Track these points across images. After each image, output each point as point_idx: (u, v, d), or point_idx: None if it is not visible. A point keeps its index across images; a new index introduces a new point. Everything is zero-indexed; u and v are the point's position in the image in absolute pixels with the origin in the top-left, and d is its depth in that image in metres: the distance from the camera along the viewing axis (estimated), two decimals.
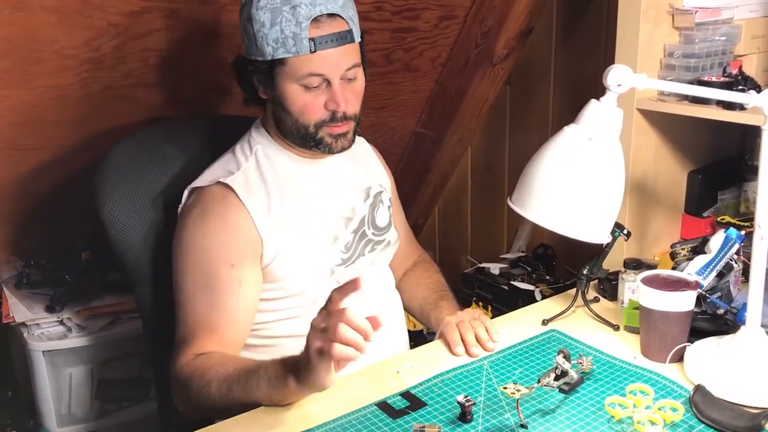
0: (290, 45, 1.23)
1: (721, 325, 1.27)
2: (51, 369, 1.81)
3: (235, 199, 1.27)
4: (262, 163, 1.34)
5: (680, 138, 1.55)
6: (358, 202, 1.41)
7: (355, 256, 1.38)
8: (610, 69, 1.09)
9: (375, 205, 1.43)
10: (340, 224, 1.37)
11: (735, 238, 1.34)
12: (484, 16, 2.03)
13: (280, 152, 1.35)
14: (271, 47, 1.24)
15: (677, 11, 1.46)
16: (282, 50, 1.23)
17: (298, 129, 1.30)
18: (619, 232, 1.36)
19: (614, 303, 1.45)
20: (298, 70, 1.25)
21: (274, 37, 1.23)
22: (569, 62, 2.09)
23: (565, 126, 1.13)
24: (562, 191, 1.10)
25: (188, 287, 1.28)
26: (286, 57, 1.24)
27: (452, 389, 1.17)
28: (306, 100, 1.27)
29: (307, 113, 1.28)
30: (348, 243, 1.37)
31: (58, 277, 1.90)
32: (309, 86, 1.26)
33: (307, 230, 1.32)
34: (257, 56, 1.26)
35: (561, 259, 2.19)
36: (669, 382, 1.17)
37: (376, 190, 1.45)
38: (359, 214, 1.40)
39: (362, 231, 1.40)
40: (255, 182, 1.31)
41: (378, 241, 1.43)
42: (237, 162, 1.33)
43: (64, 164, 1.80)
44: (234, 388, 1.14)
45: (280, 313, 1.34)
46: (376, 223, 1.43)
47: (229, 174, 1.30)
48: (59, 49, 1.53)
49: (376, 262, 1.44)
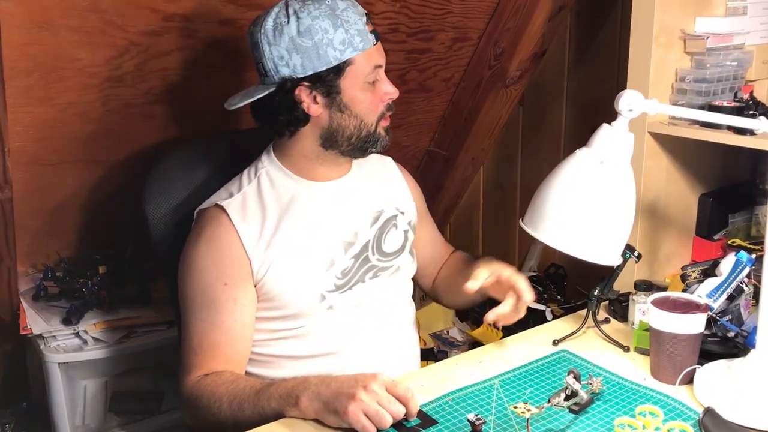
0: (357, 42, 1.28)
1: (731, 348, 1.27)
2: (66, 381, 1.83)
3: (227, 221, 1.31)
4: (264, 186, 1.36)
5: (691, 161, 1.56)
6: (363, 226, 1.40)
7: (353, 282, 1.37)
8: (622, 94, 1.10)
9: (384, 230, 1.42)
10: (339, 249, 1.36)
11: (746, 261, 1.35)
12: (498, 38, 2.05)
13: (285, 176, 1.37)
14: (338, 50, 1.27)
15: (689, 36, 1.48)
16: (350, 50, 1.27)
17: (361, 131, 1.33)
18: (630, 254, 1.37)
19: (625, 324, 1.46)
20: (366, 65, 1.30)
21: (341, 39, 1.26)
22: (581, 85, 2.11)
23: (577, 149, 1.15)
24: (574, 213, 1.11)
25: (188, 306, 1.32)
26: (353, 56, 1.28)
27: (463, 407, 1.18)
28: (370, 97, 1.32)
29: (372, 110, 1.33)
30: (345, 269, 1.36)
31: (75, 290, 1.93)
32: (373, 81, 1.32)
33: (301, 254, 1.33)
34: (319, 67, 1.27)
35: (572, 280, 2.19)
36: (679, 404, 1.17)
37: (389, 214, 1.44)
38: (362, 238, 1.39)
39: (365, 256, 1.39)
40: (252, 205, 1.34)
41: (383, 267, 1.41)
42: (240, 184, 1.37)
43: (83, 179, 1.83)
44: (245, 406, 1.19)
45: (277, 333, 1.35)
46: (383, 249, 1.42)
47: (229, 196, 1.34)
48: (82, 67, 1.56)
49: (381, 288, 1.41)
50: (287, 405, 1.15)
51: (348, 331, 1.36)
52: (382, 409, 1.07)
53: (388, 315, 1.43)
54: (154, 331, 1.91)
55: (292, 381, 1.17)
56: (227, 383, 1.24)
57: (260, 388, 1.20)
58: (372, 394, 1.08)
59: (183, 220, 1.43)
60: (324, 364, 1.34)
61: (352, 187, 1.42)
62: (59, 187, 1.82)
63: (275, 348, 1.36)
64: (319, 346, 1.35)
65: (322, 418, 1.12)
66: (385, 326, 1.41)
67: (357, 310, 1.37)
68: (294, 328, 1.34)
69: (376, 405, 1.07)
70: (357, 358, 1.36)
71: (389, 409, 1.08)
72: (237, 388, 1.22)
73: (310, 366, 1.33)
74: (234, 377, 1.26)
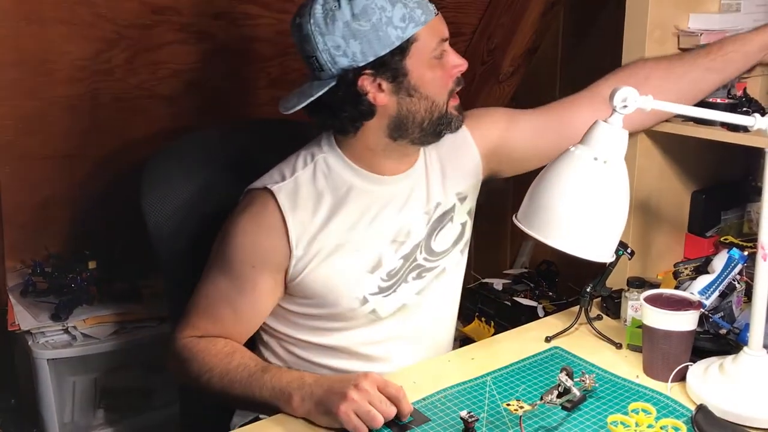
0: (418, 15, 1.17)
1: (723, 345, 1.27)
2: (55, 377, 1.82)
3: (275, 206, 1.24)
4: (319, 174, 1.27)
5: (684, 158, 1.56)
6: (418, 225, 1.32)
7: (398, 284, 1.31)
8: (617, 90, 1.10)
9: (438, 225, 1.34)
10: (390, 249, 1.29)
11: (738, 258, 1.34)
12: (491, 33, 2.05)
13: (345, 166, 1.28)
14: (399, 29, 1.16)
15: (683, 33, 1.47)
16: (412, 25, 1.17)
17: (432, 113, 1.23)
18: (623, 251, 1.37)
19: (617, 321, 1.45)
20: (432, 40, 1.20)
21: (400, 15, 1.16)
22: (575, 81, 2.09)
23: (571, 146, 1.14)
24: (568, 210, 1.11)
25: (212, 268, 1.29)
26: (416, 31, 1.18)
27: (456, 405, 1.17)
28: (439, 74, 1.22)
29: (443, 87, 1.23)
30: (393, 270, 1.30)
31: (64, 286, 1.91)
32: (440, 56, 1.21)
33: (347, 252, 1.26)
34: (381, 51, 1.17)
35: (564, 276, 2.19)
36: (671, 401, 1.17)
37: (446, 206, 1.35)
38: (414, 238, 1.31)
39: (414, 257, 1.32)
40: (305, 193, 1.25)
41: (429, 268, 1.34)
42: (293, 168, 1.28)
43: (72, 173, 1.82)
44: (236, 386, 1.18)
45: (313, 334, 1.32)
46: (432, 248, 1.34)
47: (281, 179, 1.26)
48: (71, 60, 1.55)
49: (426, 292, 1.35)
50: (279, 400, 1.14)
51: (391, 333, 1.33)
52: (373, 409, 1.07)
53: (432, 319, 1.38)
54: (143, 327, 1.90)
55: (288, 375, 1.16)
56: (221, 354, 1.22)
57: (254, 371, 1.18)
58: (364, 393, 1.07)
59: (181, 214, 1.42)
60: (366, 365, 1.31)
61: (415, 181, 1.33)
62: (48, 181, 1.81)
63: (318, 337, 1.33)
64: (362, 347, 1.33)
65: (314, 418, 1.12)
66: (429, 332, 1.38)
67: (402, 313, 1.33)
68: (332, 329, 1.32)
69: (368, 405, 1.07)
70: (399, 363, 1.34)
71: (381, 408, 1.07)
72: (231, 363, 1.20)
73: (353, 363, 1.32)
74: (229, 349, 1.24)
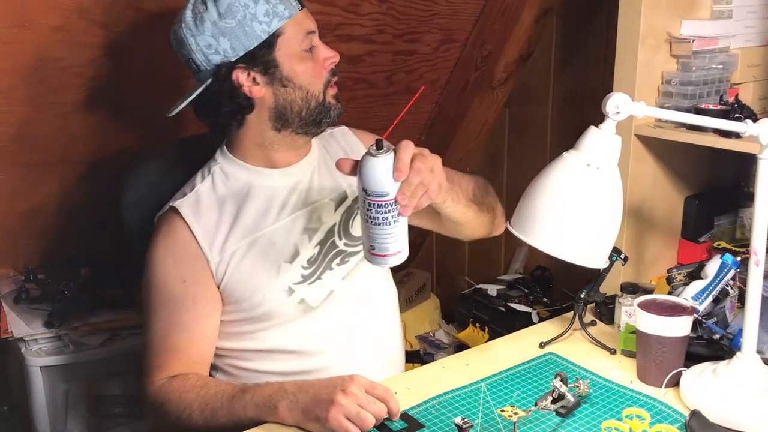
0: (281, 10, 1.23)
1: (716, 351, 1.27)
2: (48, 384, 1.80)
3: (181, 221, 1.28)
4: (218, 182, 1.33)
5: (677, 164, 1.57)
6: (327, 210, 1.35)
7: (320, 271, 1.32)
8: (610, 96, 1.10)
9: (352, 212, 1.37)
10: (304, 237, 1.32)
11: (731, 263, 1.35)
12: (485, 40, 2.05)
13: (239, 168, 1.33)
14: (264, 23, 1.22)
15: (675, 40, 1.48)
16: (276, 20, 1.23)
17: (309, 102, 1.28)
18: (616, 257, 1.37)
19: (611, 327, 1.46)
20: (298, 33, 1.26)
21: (264, 11, 1.22)
22: (568, 87, 2.11)
23: (564, 152, 1.15)
24: (561, 216, 1.11)
25: (149, 307, 1.29)
26: (281, 25, 1.23)
27: (450, 411, 1.17)
28: (311, 65, 1.28)
29: (316, 77, 1.28)
30: (311, 257, 1.32)
31: (57, 293, 1.90)
32: (309, 48, 1.27)
33: (262, 247, 1.29)
34: (249, 45, 1.23)
35: (558, 282, 2.20)
36: (665, 406, 1.17)
37: (355, 194, 1.33)
38: (327, 223, 1.34)
39: (331, 242, 1.34)
40: (207, 203, 1.31)
41: (351, 253, 1.36)
42: (193, 184, 1.34)
43: (65, 180, 1.81)
44: (219, 414, 1.16)
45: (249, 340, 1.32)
46: (351, 233, 1.37)
47: (182, 196, 1.31)
48: (64, 67, 1.54)
49: (352, 276, 1.35)
50: (265, 414, 1.13)
51: (326, 324, 1.33)
52: (363, 410, 1.06)
53: (365, 306, 1.38)
54: (137, 334, 1.88)
55: (268, 388, 1.15)
56: (196, 388, 1.21)
57: (233, 393, 1.17)
58: (351, 396, 1.07)
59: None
60: (306, 362, 1.31)
61: (312, 169, 1.37)
62: (40, 188, 1.80)
63: (254, 342, 1.32)
64: (299, 343, 1.32)
65: (303, 425, 1.11)
66: (364, 319, 1.37)
67: (332, 301, 1.33)
68: (265, 330, 1.31)
69: (357, 407, 1.06)
70: (339, 355, 1.33)
71: (370, 409, 1.07)
72: (207, 394, 1.19)
73: (292, 363, 1.31)
74: (202, 382, 1.23)
